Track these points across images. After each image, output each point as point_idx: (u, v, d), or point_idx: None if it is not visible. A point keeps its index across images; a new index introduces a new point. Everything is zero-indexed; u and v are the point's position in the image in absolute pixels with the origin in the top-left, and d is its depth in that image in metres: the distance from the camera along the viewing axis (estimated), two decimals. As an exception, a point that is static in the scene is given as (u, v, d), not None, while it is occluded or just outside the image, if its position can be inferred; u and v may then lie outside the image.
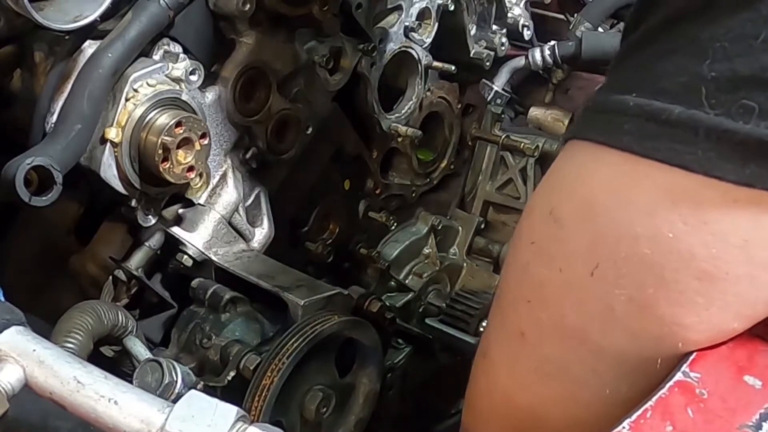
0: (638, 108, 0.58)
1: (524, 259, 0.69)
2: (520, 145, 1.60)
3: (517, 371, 0.71)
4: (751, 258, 0.57)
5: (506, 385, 0.72)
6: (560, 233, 0.65)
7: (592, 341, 0.64)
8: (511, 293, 0.72)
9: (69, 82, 1.01)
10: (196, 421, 0.59)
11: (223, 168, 1.20)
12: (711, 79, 0.55)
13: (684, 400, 0.58)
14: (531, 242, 0.69)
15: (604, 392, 0.65)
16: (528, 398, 0.70)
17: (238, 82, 1.17)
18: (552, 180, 0.69)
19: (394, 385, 1.40)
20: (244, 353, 1.05)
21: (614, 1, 1.66)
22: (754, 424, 0.56)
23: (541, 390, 0.69)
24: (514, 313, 0.71)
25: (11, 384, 0.64)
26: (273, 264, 1.21)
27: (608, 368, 0.65)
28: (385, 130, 1.46)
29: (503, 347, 0.72)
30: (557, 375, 0.68)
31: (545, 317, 0.67)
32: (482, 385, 0.75)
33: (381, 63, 1.39)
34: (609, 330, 0.63)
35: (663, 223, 0.58)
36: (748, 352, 0.61)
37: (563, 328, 0.66)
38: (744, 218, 0.56)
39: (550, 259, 0.66)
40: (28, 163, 0.93)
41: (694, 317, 0.60)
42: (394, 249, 1.56)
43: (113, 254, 1.17)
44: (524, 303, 0.69)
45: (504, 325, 0.72)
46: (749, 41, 0.54)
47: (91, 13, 0.97)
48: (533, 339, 0.68)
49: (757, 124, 0.54)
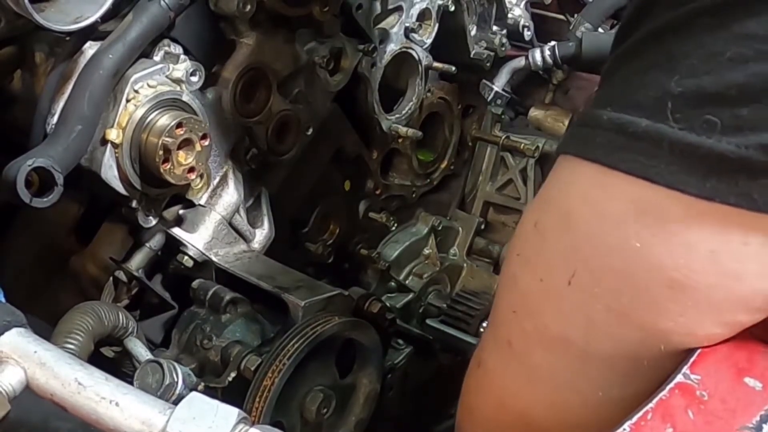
0: (610, 122, 0.59)
1: (512, 270, 0.71)
2: (520, 145, 1.60)
3: (508, 379, 0.72)
4: (721, 268, 0.58)
5: (499, 392, 0.73)
6: (542, 244, 0.66)
7: (577, 348, 0.65)
8: (501, 304, 0.73)
9: (70, 83, 1.01)
10: (197, 423, 0.59)
11: (223, 169, 1.20)
12: (678, 94, 0.56)
13: (684, 402, 0.58)
14: (517, 254, 0.70)
15: (596, 395, 0.66)
16: (521, 404, 0.71)
17: (238, 83, 1.17)
18: (540, 194, 0.70)
19: (395, 386, 1.40)
20: (245, 354, 1.05)
21: (614, 2, 1.66)
22: (754, 425, 0.56)
23: (533, 396, 0.70)
24: (502, 324, 0.72)
25: (12, 385, 0.64)
26: (273, 265, 1.21)
27: (597, 372, 0.66)
28: (385, 131, 1.46)
29: (494, 356, 0.73)
30: (547, 381, 0.69)
31: (530, 327, 0.68)
32: (475, 392, 0.76)
33: (381, 64, 1.39)
34: (591, 337, 0.64)
35: (632, 234, 0.59)
36: (748, 354, 0.61)
37: (547, 337, 0.67)
38: (709, 231, 0.57)
39: (533, 269, 0.68)
40: (29, 164, 0.93)
41: (670, 323, 0.61)
42: (395, 249, 1.56)
43: (114, 255, 1.17)
44: (510, 313, 0.70)
45: (495, 334, 0.73)
46: (718, 58, 0.55)
47: (92, 15, 0.97)
48: (520, 348, 0.69)
49: (719, 139, 0.54)
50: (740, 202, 0.55)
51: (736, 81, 0.54)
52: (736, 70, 0.54)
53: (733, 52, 0.54)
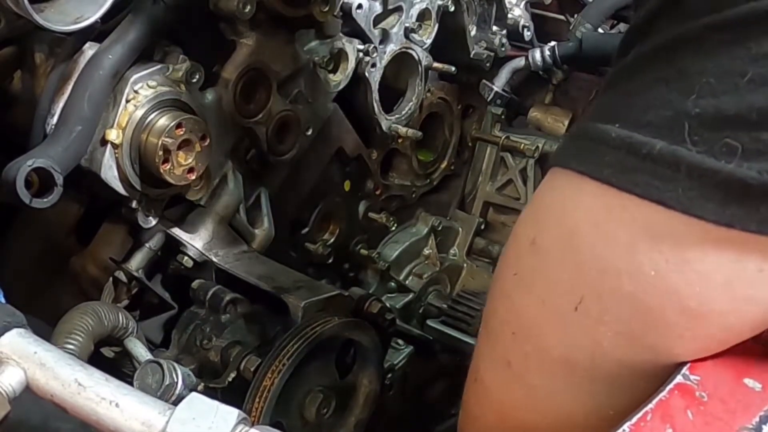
0: (620, 140, 0.57)
1: (507, 288, 0.69)
2: (520, 145, 1.60)
3: (507, 396, 0.70)
4: (735, 295, 0.57)
5: (498, 407, 0.71)
6: (542, 264, 0.64)
7: (582, 369, 0.64)
8: (497, 321, 0.71)
9: (69, 83, 1.01)
10: (197, 423, 0.59)
11: (223, 169, 1.20)
12: (695, 115, 0.53)
13: (684, 403, 0.58)
14: (514, 273, 0.68)
15: (600, 408, 0.65)
16: (522, 416, 0.70)
17: (238, 84, 1.17)
18: (535, 208, 0.68)
19: (395, 386, 1.40)
20: (245, 354, 1.05)
21: (614, 2, 1.66)
22: (754, 426, 0.56)
23: (534, 413, 0.69)
24: (500, 343, 0.70)
25: (12, 386, 0.64)
26: (273, 265, 1.21)
27: (601, 388, 0.64)
28: (385, 131, 1.46)
29: (492, 373, 0.71)
30: (549, 400, 0.68)
31: (530, 349, 0.66)
32: (475, 407, 0.75)
33: (381, 64, 1.39)
34: (598, 360, 0.63)
35: (645, 260, 0.57)
36: (747, 355, 0.61)
37: (550, 361, 0.65)
38: (726, 258, 0.55)
39: (531, 290, 0.65)
40: (29, 164, 0.93)
41: (682, 349, 0.60)
42: (394, 250, 1.56)
43: (114, 255, 1.17)
44: (509, 334, 0.68)
45: (492, 352, 0.72)
46: (735, 79, 0.53)
47: (92, 15, 0.96)
48: (520, 369, 0.68)
49: (740, 164, 0.52)
50: (762, 229, 0.53)
51: (757, 104, 0.52)
52: (756, 93, 0.52)
53: (753, 73, 0.52)
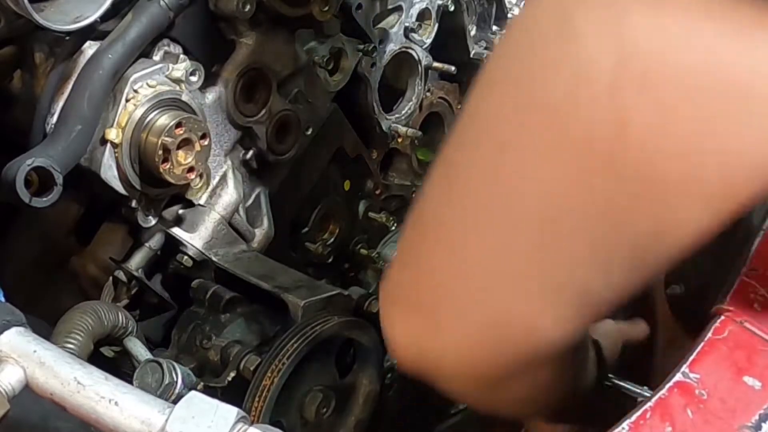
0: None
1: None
2: (520, 145, 1.60)
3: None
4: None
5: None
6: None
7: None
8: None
9: (69, 83, 1.02)
10: (197, 422, 0.60)
11: (223, 169, 1.20)
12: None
13: (683, 401, 0.58)
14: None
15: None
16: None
17: (238, 83, 1.17)
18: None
19: (394, 386, 1.40)
20: (245, 354, 1.05)
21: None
22: (753, 424, 0.56)
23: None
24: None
25: (12, 385, 0.65)
26: (273, 264, 1.21)
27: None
28: (385, 131, 1.46)
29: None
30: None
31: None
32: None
33: (381, 64, 1.39)
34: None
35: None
36: (747, 353, 0.61)
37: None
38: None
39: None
40: (29, 164, 0.93)
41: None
42: (394, 249, 1.55)
43: (113, 255, 1.17)
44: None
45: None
46: None
47: (92, 14, 0.97)
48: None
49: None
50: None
51: None
52: None
53: None
